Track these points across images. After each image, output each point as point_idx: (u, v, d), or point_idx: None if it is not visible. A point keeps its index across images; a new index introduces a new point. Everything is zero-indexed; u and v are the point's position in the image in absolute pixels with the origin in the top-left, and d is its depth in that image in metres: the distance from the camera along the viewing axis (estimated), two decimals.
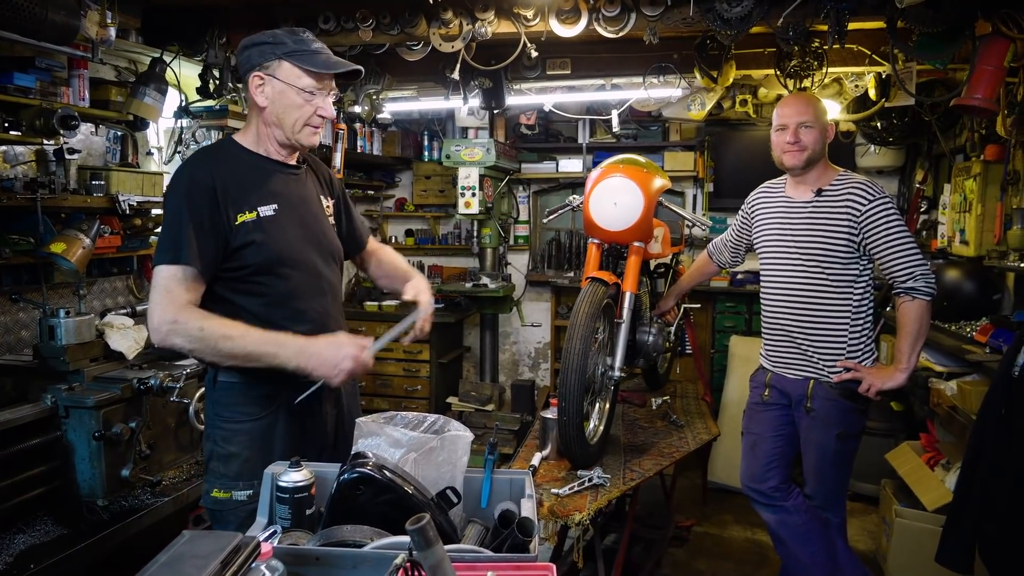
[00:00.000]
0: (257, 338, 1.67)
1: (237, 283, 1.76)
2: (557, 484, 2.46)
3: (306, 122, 1.79)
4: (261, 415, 1.81)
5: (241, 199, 1.75)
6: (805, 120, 2.52)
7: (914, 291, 2.42)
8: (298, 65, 1.74)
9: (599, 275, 2.64)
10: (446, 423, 1.50)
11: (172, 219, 1.70)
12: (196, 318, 1.66)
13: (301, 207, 1.87)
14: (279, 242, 1.79)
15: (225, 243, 1.72)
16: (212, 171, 1.73)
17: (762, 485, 2.71)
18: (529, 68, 3.40)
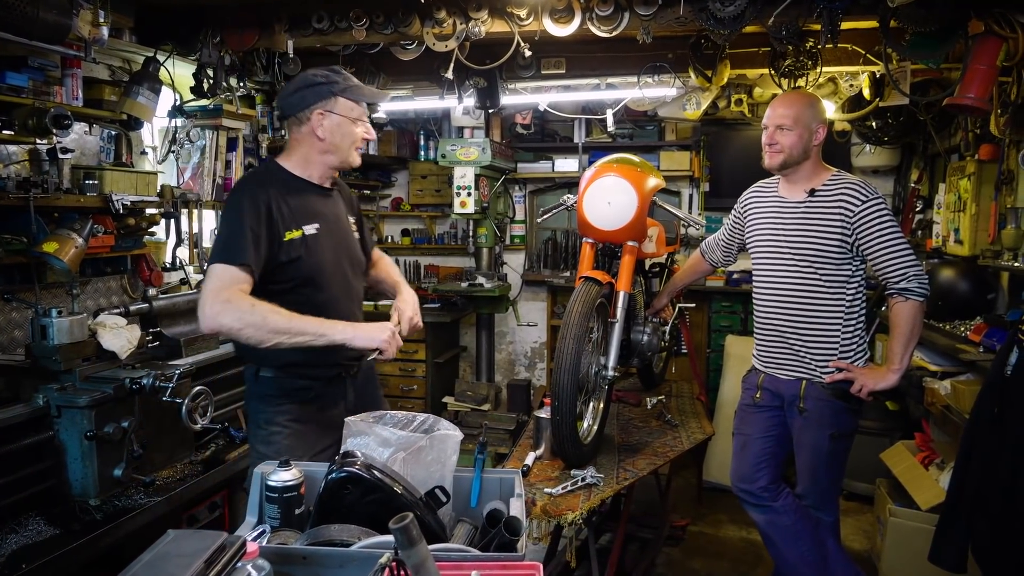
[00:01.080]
0: (305, 317, 1.87)
1: (284, 295, 1.94)
2: (551, 483, 2.46)
3: (356, 146, 2.08)
4: (297, 402, 2.05)
5: (290, 218, 1.98)
6: (783, 122, 2.51)
7: (907, 292, 2.42)
8: (351, 99, 2.04)
9: (593, 274, 2.64)
10: (436, 422, 1.49)
11: (230, 227, 1.91)
12: (247, 298, 1.83)
13: (335, 226, 2.12)
14: (320, 257, 2.03)
15: (273, 256, 1.93)
16: (268, 192, 1.96)
17: (751, 485, 2.71)
18: (524, 67, 3.40)
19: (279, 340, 1.82)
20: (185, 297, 3.05)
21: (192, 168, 3.46)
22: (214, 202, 3.57)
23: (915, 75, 3.31)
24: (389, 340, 1.93)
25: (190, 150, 3.44)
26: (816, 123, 2.52)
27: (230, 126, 3.54)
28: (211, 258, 1.91)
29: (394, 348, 1.95)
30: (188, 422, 2.57)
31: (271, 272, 1.94)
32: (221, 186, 3.60)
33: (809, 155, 2.54)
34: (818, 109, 2.55)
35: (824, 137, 2.56)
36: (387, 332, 1.93)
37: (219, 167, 3.54)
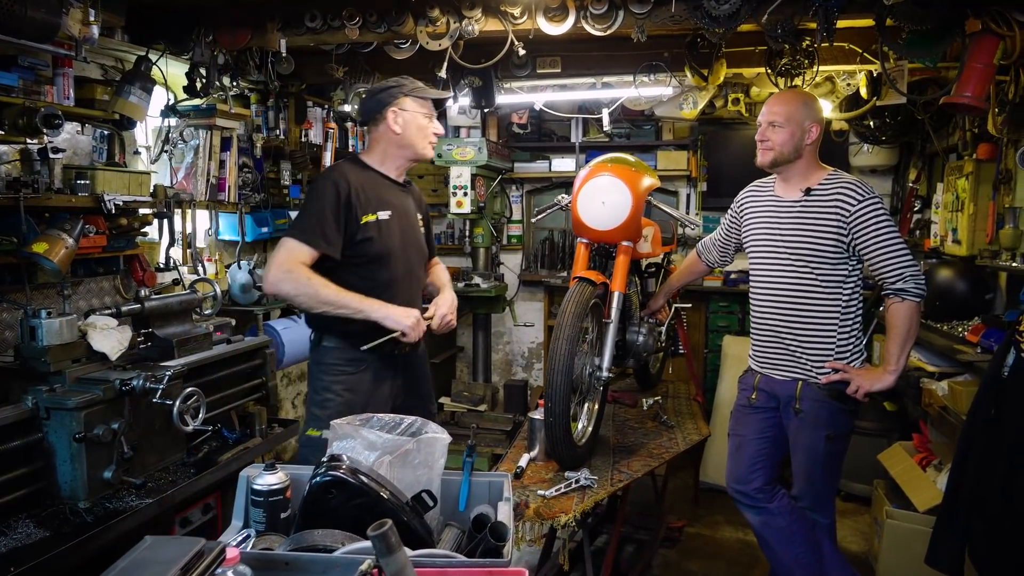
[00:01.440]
0: (351, 294, 2.19)
1: (356, 268, 2.29)
2: (544, 485, 2.44)
3: (429, 139, 2.41)
4: (353, 372, 2.32)
5: (368, 204, 2.29)
6: (774, 119, 2.50)
7: (903, 292, 2.40)
8: (418, 98, 2.37)
9: (587, 275, 2.62)
10: (423, 425, 1.48)
11: (310, 208, 2.24)
12: (305, 270, 2.17)
13: (404, 216, 2.43)
14: (389, 240, 2.33)
15: (351, 235, 2.24)
16: (350, 180, 2.27)
17: (746, 486, 2.69)
18: (519, 67, 3.38)
19: (326, 309, 2.18)
20: (178, 298, 3.02)
21: (186, 168, 3.44)
22: (208, 202, 3.55)
23: (912, 74, 3.29)
24: (413, 326, 2.22)
25: (183, 150, 3.42)
26: (809, 122, 2.50)
27: (224, 126, 3.52)
28: (287, 231, 2.25)
29: (417, 333, 2.24)
30: (179, 424, 2.55)
31: (349, 248, 2.26)
32: (215, 186, 3.58)
33: (801, 154, 2.52)
34: (813, 108, 2.53)
35: (818, 136, 2.54)
36: (412, 318, 2.22)
37: (213, 167, 3.52)
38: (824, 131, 2.58)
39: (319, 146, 4.17)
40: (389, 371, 2.43)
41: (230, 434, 3.12)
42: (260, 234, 3.97)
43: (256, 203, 3.88)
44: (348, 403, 2.29)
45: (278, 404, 4.65)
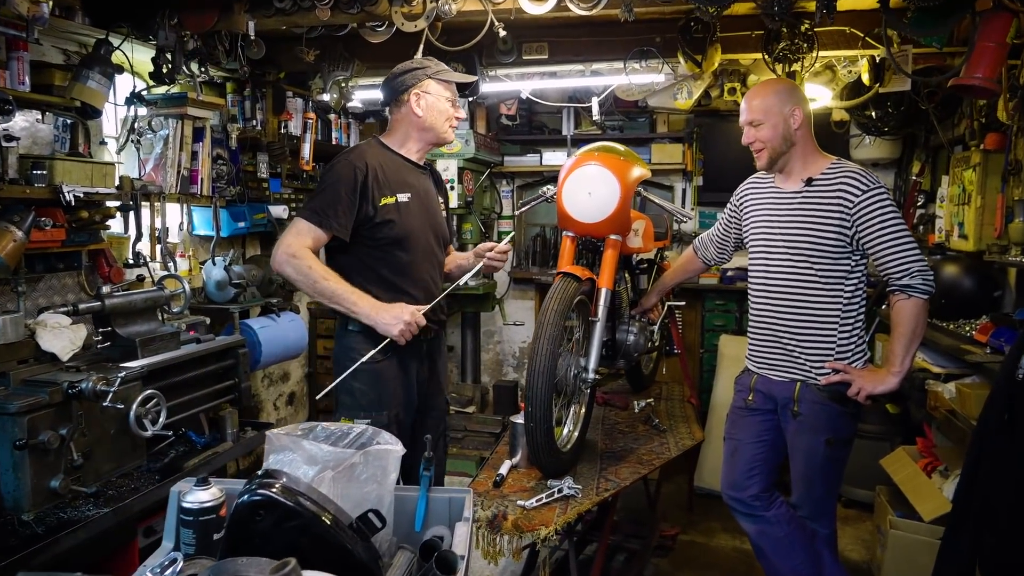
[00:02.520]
0: (346, 288, 2.20)
1: (375, 251, 2.30)
2: (525, 495, 2.29)
3: (450, 123, 2.41)
4: (380, 359, 2.27)
5: (386, 186, 2.29)
6: (752, 118, 2.39)
7: (910, 289, 2.25)
8: (442, 81, 2.37)
9: (571, 270, 2.47)
10: (375, 435, 1.32)
11: (328, 190, 2.24)
12: (309, 258, 2.19)
13: (425, 199, 2.43)
14: (409, 222, 2.32)
15: (368, 217, 2.25)
16: (367, 162, 2.27)
17: (742, 493, 2.54)
18: (504, 52, 3.22)
19: (321, 300, 2.22)
20: (142, 295, 2.87)
21: (155, 159, 3.28)
22: (178, 195, 3.39)
23: (916, 61, 3.13)
24: (403, 331, 2.19)
25: (152, 140, 3.26)
26: (789, 107, 2.35)
27: (196, 115, 3.35)
28: (300, 211, 2.26)
29: (407, 337, 2.21)
30: (136, 429, 2.40)
31: (368, 230, 2.27)
32: (187, 178, 3.42)
33: (793, 141, 2.38)
34: (789, 93, 2.39)
35: (804, 119, 2.38)
36: (400, 324, 2.18)
37: (184, 158, 3.35)
38: (824, 118, 2.42)
39: (298, 138, 4.00)
40: (415, 356, 2.43)
41: (198, 438, 2.96)
42: (236, 229, 3.81)
43: (232, 196, 3.72)
44: (378, 389, 2.32)
45: (258, 405, 4.49)
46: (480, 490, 2.36)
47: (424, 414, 2.55)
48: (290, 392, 4.84)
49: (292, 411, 4.88)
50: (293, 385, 4.87)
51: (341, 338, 2.42)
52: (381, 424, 2.28)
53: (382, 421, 2.36)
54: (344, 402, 2.36)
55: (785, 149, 2.37)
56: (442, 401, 2.65)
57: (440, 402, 2.63)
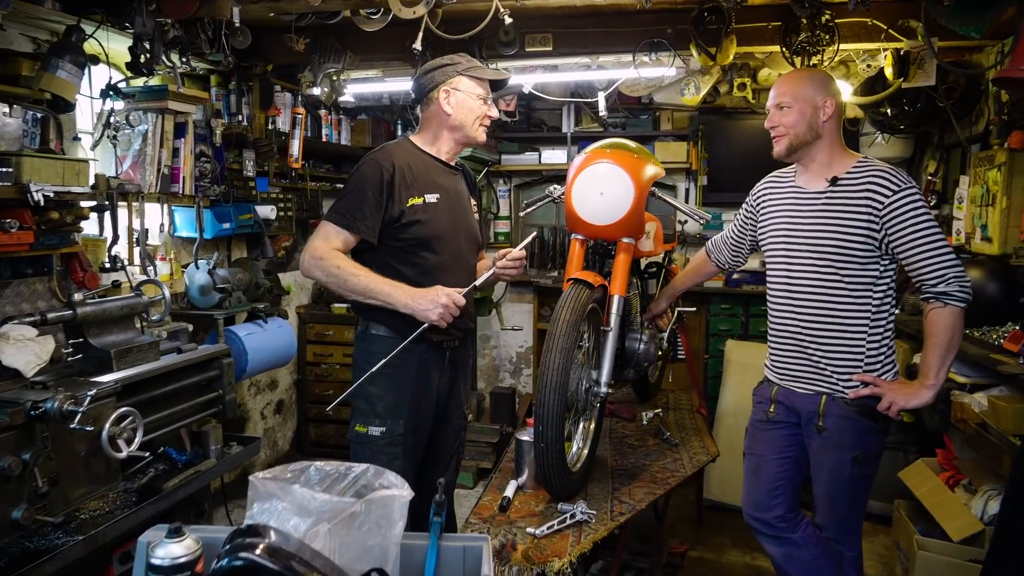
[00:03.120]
0: (378, 279, 2.13)
1: (401, 252, 2.22)
2: (534, 521, 2.11)
3: (481, 122, 2.30)
4: (398, 364, 2.16)
5: (414, 186, 2.21)
6: (781, 100, 2.23)
7: (946, 296, 2.09)
8: (473, 78, 2.26)
9: (583, 276, 2.29)
10: (377, 476, 1.13)
11: (353, 191, 2.17)
12: (337, 258, 2.13)
13: (455, 200, 2.33)
14: (436, 223, 2.24)
15: (395, 218, 2.17)
16: (394, 162, 2.19)
17: (766, 514, 2.38)
18: (506, 44, 3.04)
19: (356, 298, 2.15)
20: (118, 302, 2.66)
21: (133, 156, 3.07)
22: (159, 194, 3.18)
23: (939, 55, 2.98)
24: (442, 315, 2.08)
25: (130, 136, 3.06)
26: (822, 96, 2.20)
27: (177, 109, 3.15)
28: (328, 215, 2.19)
29: (448, 319, 2.10)
30: (110, 451, 2.19)
31: (394, 231, 2.19)
32: (168, 177, 3.22)
33: (820, 134, 2.22)
34: (824, 82, 2.23)
35: (836, 112, 2.22)
36: (438, 307, 2.07)
37: (165, 155, 3.15)
38: (843, 113, 2.25)
39: (287, 134, 3.81)
40: (438, 365, 2.33)
41: (179, 456, 2.76)
42: (221, 231, 3.61)
43: (216, 196, 3.52)
44: (394, 396, 2.25)
45: (244, 416, 4.29)
46: (485, 515, 2.18)
47: (440, 427, 2.42)
48: (278, 400, 4.64)
49: (280, 420, 4.68)
50: (281, 393, 4.67)
51: (362, 341, 2.33)
52: (396, 433, 2.25)
53: (397, 430, 2.26)
54: (359, 408, 2.28)
55: (809, 139, 2.21)
56: (460, 415, 2.49)
57: (458, 416, 2.48)
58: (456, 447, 2.51)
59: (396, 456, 2.24)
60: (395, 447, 2.25)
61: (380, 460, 2.19)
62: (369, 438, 2.24)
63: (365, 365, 2.20)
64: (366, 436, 2.24)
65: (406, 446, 2.27)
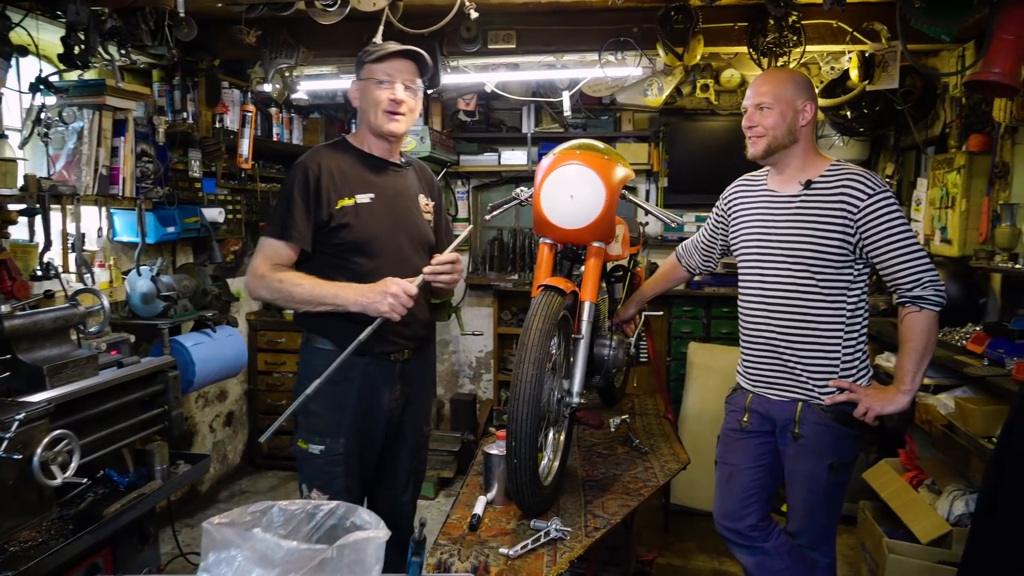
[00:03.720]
0: (323, 283, 2.02)
1: (332, 259, 2.09)
2: (506, 540, 2.00)
3: (383, 108, 2.09)
4: (339, 380, 2.04)
5: (343, 187, 2.08)
6: (761, 100, 2.16)
7: (922, 301, 2.07)
8: (369, 62, 2.10)
9: (554, 282, 2.19)
10: (348, 513, 1.02)
11: (283, 201, 2.06)
12: (278, 272, 2.03)
13: (395, 199, 2.18)
14: (370, 225, 2.10)
15: (324, 222, 2.05)
16: (321, 163, 2.08)
17: (739, 524, 2.34)
18: (468, 41, 2.93)
19: (306, 308, 2.03)
20: (51, 314, 2.45)
21: (67, 155, 2.86)
22: (96, 196, 2.97)
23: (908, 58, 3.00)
24: (393, 306, 1.96)
25: (64, 134, 2.85)
26: (803, 100, 2.16)
27: (116, 105, 2.95)
28: (265, 230, 2.10)
29: (400, 311, 1.97)
30: (42, 479, 2.01)
31: (326, 236, 2.07)
32: (106, 178, 3.01)
33: (797, 138, 2.18)
34: (805, 85, 2.20)
35: (814, 117, 2.21)
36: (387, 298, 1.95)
37: (103, 154, 2.95)
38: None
39: (236, 133, 3.62)
40: (386, 380, 2.18)
41: (121, 478, 2.57)
42: (165, 235, 3.40)
43: (160, 198, 3.31)
44: (334, 414, 2.12)
45: (192, 429, 4.08)
46: (455, 534, 2.07)
47: (394, 445, 2.28)
48: (228, 412, 4.43)
49: (230, 432, 4.47)
50: (231, 404, 4.46)
51: (304, 353, 2.20)
52: (336, 452, 2.12)
53: (337, 449, 2.12)
54: (301, 423, 2.17)
55: (786, 143, 2.17)
56: (418, 434, 2.34)
57: (416, 435, 2.33)
58: (413, 466, 2.37)
59: (337, 475, 2.13)
60: (336, 466, 2.13)
61: (321, 478, 2.13)
62: (309, 455, 2.14)
63: (306, 380, 2.09)
64: (306, 453, 2.14)
65: (348, 465, 2.14)
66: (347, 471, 2.14)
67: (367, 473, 2.25)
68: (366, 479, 2.25)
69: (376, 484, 2.31)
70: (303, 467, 2.17)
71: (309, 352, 2.18)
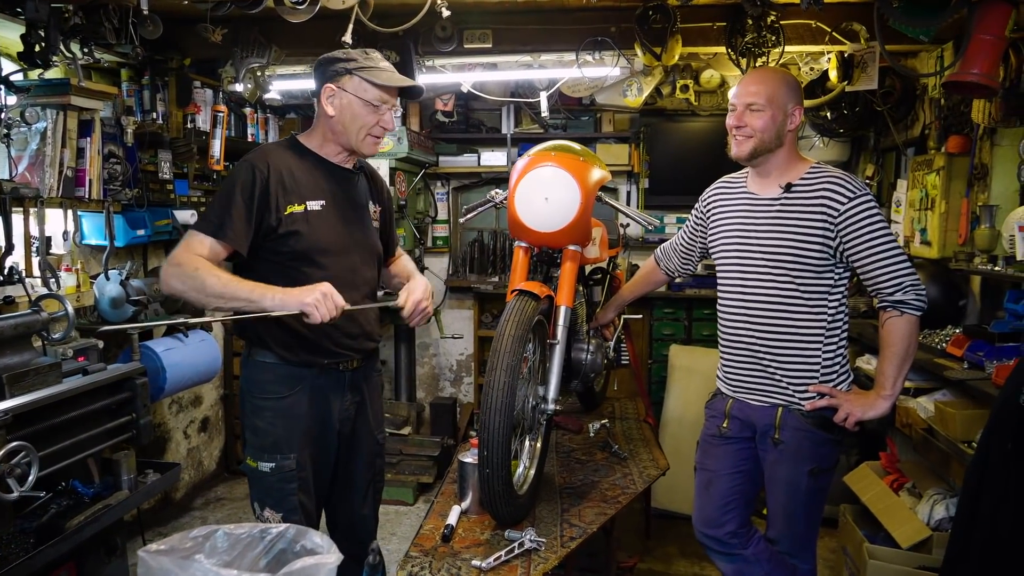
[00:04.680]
0: (244, 282, 1.86)
1: (279, 267, 1.97)
2: (479, 551, 1.96)
3: (368, 132, 2.02)
4: (286, 394, 2.01)
5: (293, 192, 1.97)
6: (753, 100, 2.11)
7: (902, 305, 2.05)
8: (365, 79, 1.97)
9: (528, 286, 2.15)
10: (299, 536, 0.97)
11: (224, 199, 1.92)
12: (196, 261, 1.85)
13: (347, 207, 2.08)
14: (321, 234, 1.99)
15: (271, 228, 1.93)
16: (271, 165, 1.96)
17: (718, 531, 2.30)
18: (443, 40, 2.88)
19: (218, 303, 1.87)
20: (11, 320, 2.38)
21: (29, 156, 2.78)
22: (61, 199, 2.89)
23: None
24: (318, 301, 1.82)
25: (26, 134, 2.76)
26: (793, 104, 2.13)
27: (82, 105, 2.87)
28: (196, 224, 1.95)
29: (324, 312, 1.82)
30: None
31: (272, 243, 1.96)
32: (72, 179, 2.93)
33: (783, 142, 2.15)
34: (796, 88, 2.16)
35: (801, 122, 2.18)
36: (315, 294, 1.82)
37: (68, 155, 2.86)
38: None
39: (207, 133, 3.54)
40: (335, 389, 2.10)
41: (86, 489, 2.50)
42: (135, 238, 3.32)
43: (129, 200, 3.23)
44: (284, 429, 2.02)
45: (165, 436, 4.00)
46: (427, 546, 2.02)
47: (349, 456, 2.21)
48: (203, 418, 4.35)
49: (206, 438, 4.39)
50: (206, 410, 4.38)
51: (246, 368, 2.08)
52: (288, 469, 2.03)
53: (289, 466, 2.03)
54: (249, 441, 2.08)
55: (773, 147, 2.13)
56: (373, 443, 2.27)
57: (370, 444, 2.26)
58: (371, 476, 2.29)
59: (291, 492, 2.04)
60: (288, 483, 2.04)
61: (274, 496, 2.04)
62: (260, 473, 2.04)
63: (251, 396, 2.04)
64: (257, 471, 2.04)
65: (302, 481, 2.06)
66: (301, 487, 2.06)
67: (322, 488, 2.18)
68: (321, 494, 2.18)
69: (333, 498, 2.25)
70: (254, 485, 2.08)
71: (251, 367, 2.06)
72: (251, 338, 2.06)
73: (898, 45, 2.95)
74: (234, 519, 3.95)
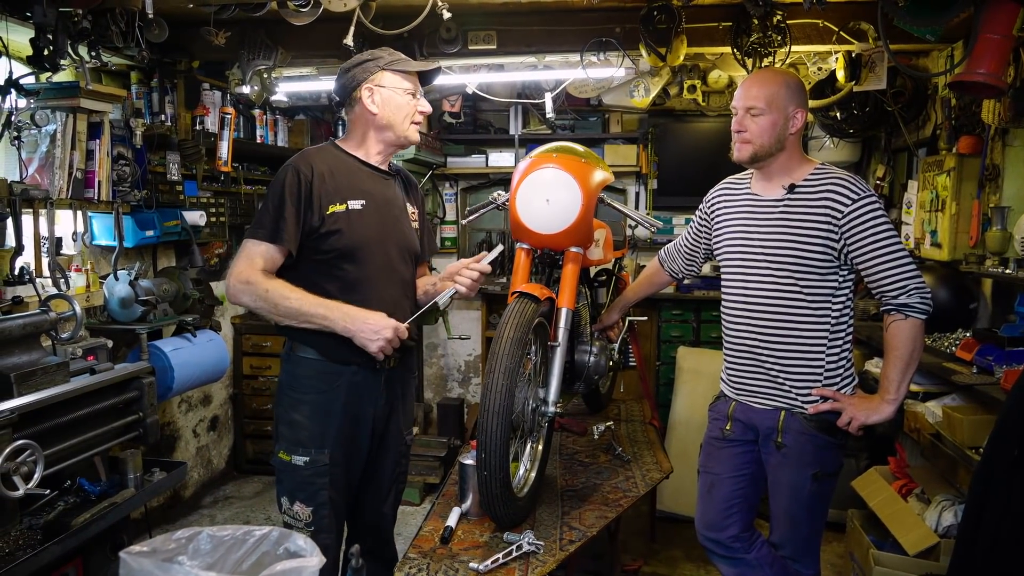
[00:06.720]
0: (312, 300, 1.96)
1: (321, 266, 2.03)
2: (477, 554, 1.96)
3: (411, 119, 2.12)
4: (324, 389, 2.06)
5: (335, 192, 2.03)
6: (753, 104, 2.10)
7: (907, 308, 2.02)
8: (398, 72, 2.08)
9: (528, 288, 2.15)
10: (283, 539, 0.97)
11: (273, 203, 1.99)
12: (265, 280, 1.95)
13: (385, 207, 2.14)
14: (361, 232, 2.05)
15: (314, 228, 1.99)
16: (314, 167, 2.02)
17: (720, 534, 2.29)
18: (448, 42, 2.88)
19: (289, 322, 1.97)
20: (20, 320, 2.41)
21: (40, 159, 2.82)
22: (71, 200, 2.93)
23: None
24: (383, 348, 1.95)
25: (36, 136, 2.80)
26: (794, 107, 2.11)
27: (91, 108, 2.90)
28: (249, 231, 2.02)
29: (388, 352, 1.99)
30: (3, 490, 1.96)
31: (314, 242, 2.01)
32: (82, 181, 2.96)
33: (784, 146, 2.13)
34: (797, 90, 2.14)
35: (803, 124, 2.15)
36: (380, 340, 1.94)
37: (77, 157, 2.90)
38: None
39: (215, 135, 3.56)
40: (372, 387, 2.13)
41: (92, 487, 2.52)
42: (144, 238, 3.35)
43: (137, 202, 3.26)
44: (320, 424, 2.07)
45: (174, 435, 4.03)
46: (426, 548, 2.02)
47: (379, 455, 2.24)
48: (212, 417, 4.38)
49: (215, 437, 4.42)
50: (216, 409, 4.41)
51: (287, 363, 2.13)
52: (322, 463, 2.06)
53: (322, 460, 2.06)
54: (283, 434, 2.10)
55: (774, 151, 2.11)
56: (400, 442, 2.29)
57: (399, 443, 2.28)
58: (395, 476, 2.32)
59: (323, 487, 2.07)
60: (321, 477, 2.07)
61: (305, 490, 2.06)
62: (292, 467, 2.07)
63: (290, 390, 2.07)
64: (289, 465, 2.07)
65: (334, 477, 2.09)
66: (332, 482, 2.09)
67: (352, 485, 2.20)
68: (351, 491, 2.21)
69: (360, 495, 2.26)
70: (284, 479, 2.10)
71: (292, 362, 2.11)
72: (293, 334, 2.09)
73: (908, 44, 2.92)
74: (242, 518, 3.98)
